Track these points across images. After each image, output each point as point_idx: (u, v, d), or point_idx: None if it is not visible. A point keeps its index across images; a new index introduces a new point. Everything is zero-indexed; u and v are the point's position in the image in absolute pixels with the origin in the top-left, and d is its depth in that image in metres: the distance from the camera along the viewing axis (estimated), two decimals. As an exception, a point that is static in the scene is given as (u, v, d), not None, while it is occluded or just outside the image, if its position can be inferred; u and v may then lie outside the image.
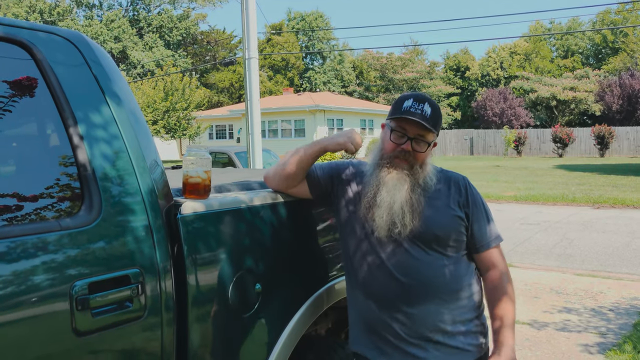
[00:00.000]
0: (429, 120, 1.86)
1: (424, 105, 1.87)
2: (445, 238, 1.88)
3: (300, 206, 2.12)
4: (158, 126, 26.73)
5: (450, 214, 1.90)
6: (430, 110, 1.87)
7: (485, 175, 20.07)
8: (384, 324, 1.91)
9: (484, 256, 1.95)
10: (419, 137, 1.88)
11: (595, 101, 40.93)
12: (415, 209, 1.86)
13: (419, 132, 1.87)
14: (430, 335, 1.87)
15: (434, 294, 1.86)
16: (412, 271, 1.86)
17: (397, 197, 1.85)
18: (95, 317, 1.42)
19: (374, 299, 1.92)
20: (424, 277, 1.85)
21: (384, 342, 1.92)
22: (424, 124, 1.84)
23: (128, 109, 1.69)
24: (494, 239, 1.96)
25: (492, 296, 1.93)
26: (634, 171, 20.33)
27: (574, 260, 7.35)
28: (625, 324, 4.74)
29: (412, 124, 1.87)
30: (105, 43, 44.85)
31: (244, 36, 9.31)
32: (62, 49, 1.60)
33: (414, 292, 1.85)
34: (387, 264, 1.89)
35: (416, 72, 48.64)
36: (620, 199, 12.81)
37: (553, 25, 56.78)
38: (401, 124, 1.89)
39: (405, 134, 1.88)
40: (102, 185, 1.52)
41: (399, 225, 1.84)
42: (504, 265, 1.97)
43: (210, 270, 1.73)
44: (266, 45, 53.45)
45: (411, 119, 1.85)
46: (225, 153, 14.02)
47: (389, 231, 1.86)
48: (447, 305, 1.87)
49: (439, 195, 1.93)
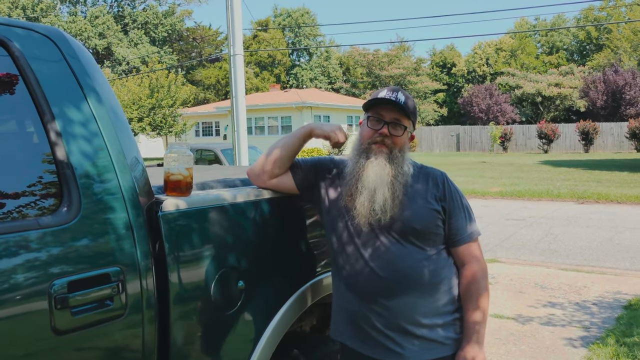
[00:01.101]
0: (404, 105, 1.92)
1: (398, 94, 1.95)
2: (423, 232, 1.90)
3: (283, 203, 2.11)
4: (144, 123, 26.54)
5: (428, 207, 1.92)
6: (404, 98, 1.95)
7: (472, 172, 20.19)
8: (363, 315, 1.94)
9: (460, 250, 1.97)
10: (396, 121, 1.93)
11: (579, 97, 41.32)
12: (396, 196, 1.89)
13: (394, 116, 1.93)
14: (407, 328, 1.89)
15: (412, 287, 1.88)
16: (390, 265, 1.88)
17: (379, 183, 1.88)
18: (75, 316, 1.41)
19: (354, 291, 1.95)
20: (401, 271, 1.88)
21: (364, 333, 1.95)
22: (399, 105, 1.91)
23: (108, 106, 1.67)
24: (470, 234, 1.97)
25: (466, 290, 1.95)
26: (617, 166, 20.55)
27: (558, 255, 7.42)
28: (608, 318, 4.79)
29: (388, 109, 1.94)
30: (90, 39, 44.45)
31: (229, 33, 9.27)
32: (39, 45, 1.58)
33: (391, 285, 1.88)
34: (366, 257, 1.91)
35: (402, 68, 48.76)
36: (604, 194, 12.94)
37: (538, 22, 57.18)
38: (377, 111, 1.96)
39: (381, 118, 1.94)
40: (81, 182, 1.50)
41: (379, 211, 1.87)
42: (481, 260, 1.98)
43: (192, 268, 1.72)
44: (252, 41, 53.29)
45: (386, 105, 1.93)
46: (211, 150, 13.97)
47: (369, 217, 1.88)
48: (425, 298, 1.89)
49: (418, 191, 1.95)
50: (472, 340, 1.92)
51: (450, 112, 52.40)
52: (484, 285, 1.94)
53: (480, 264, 1.97)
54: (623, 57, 41.83)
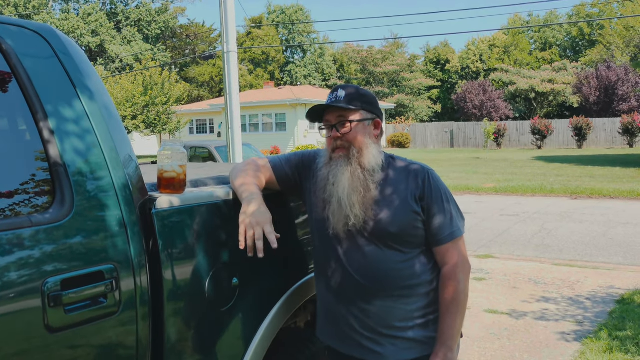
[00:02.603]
0: (343, 101, 1.89)
1: (337, 92, 1.92)
2: (401, 235, 1.84)
3: (277, 199, 2.11)
4: (137, 121, 26.43)
5: (406, 209, 1.84)
6: (344, 93, 1.91)
7: (466, 167, 20.23)
8: (342, 317, 1.93)
9: (440, 250, 1.89)
10: (340, 119, 1.90)
11: (573, 93, 41.40)
12: (365, 198, 1.84)
13: (337, 114, 1.90)
14: (384, 330, 1.87)
15: (390, 290, 1.85)
16: (367, 269, 1.85)
17: (341, 188, 1.84)
18: (68, 314, 1.41)
19: (333, 293, 1.94)
20: (379, 275, 1.84)
21: (343, 334, 1.94)
22: (335, 104, 1.88)
23: (100, 103, 1.67)
24: (450, 234, 1.87)
25: (444, 290, 1.89)
26: (610, 162, 20.64)
27: (552, 250, 7.45)
28: (601, 312, 4.82)
29: (330, 112, 1.92)
30: (83, 37, 44.21)
31: (222, 30, 9.24)
32: (31, 41, 1.57)
33: (369, 289, 1.85)
34: (344, 260, 1.88)
35: (396, 65, 48.75)
36: (598, 189, 13.00)
37: (531, 18, 57.28)
38: (325, 118, 1.95)
39: (329, 124, 1.92)
40: (74, 180, 1.50)
41: (352, 217, 1.83)
42: (461, 259, 1.88)
43: (186, 265, 1.72)
44: (246, 38, 53.15)
45: (325, 108, 1.91)
46: (205, 148, 13.96)
47: (345, 225, 1.85)
48: (403, 301, 1.86)
49: (396, 190, 1.88)
50: (446, 344, 1.87)
51: (444, 109, 52.45)
52: (461, 288, 1.86)
53: (459, 264, 1.88)
54: (616, 53, 41.97)
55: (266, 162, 2.08)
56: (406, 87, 49.05)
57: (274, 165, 2.07)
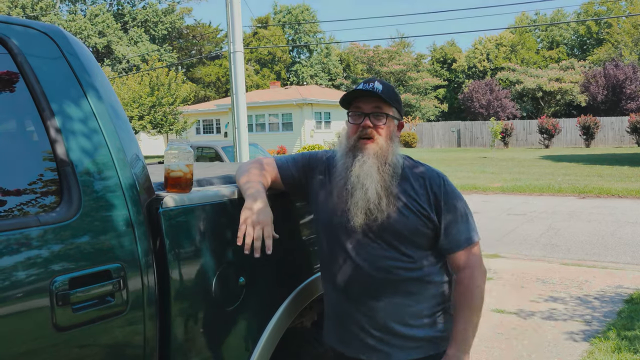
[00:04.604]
0: (381, 93, 1.85)
1: (374, 83, 1.88)
2: (412, 236, 1.84)
3: (283, 198, 2.11)
4: (144, 121, 26.52)
5: (420, 212, 1.84)
6: (382, 86, 1.88)
7: (473, 167, 20.17)
8: (349, 315, 1.91)
9: (457, 255, 1.88)
10: (376, 111, 1.87)
11: (580, 92, 41.21)
12: (390, 192, 1.83)
13: (374, 105, 1.87)
14: (394, 327, 1.86)
15: (399, 288, 1.84)
16: (377, 265, 1.84)
17: (369, 181, 1.81)
18: (76, 313, 1.41)
19: (341, 291, 1.92)
20: (389, 272, 1.84)
21: (350, 335, 1.92)
22: (376, 93, 1.84)
23: (107, 103, 1.67)
24: (464, 241, 1.88)
25: (459, 297, 1.89)
26: (619, 161, 20.53)
27: (559, 250, 7.41)
28: (610, 312, 4.80)
29: (365, 100, 1.88)
30: (90, 38, 44.41)
31: (228, 30, 9.25)
32: (38, 42, 1.58)
33: (378, 285, 1.84)
34: (353, 257, 1.87)
35: (403, 64, 48.69)
36: (606, 188, 12.93)
37: (538, 17, 57.05)
38: (356, 104, 1.91)
39: (361, 111, 1.89)
40: (81, 180, 1.51)
41: (376, 211, 1.81)
42: (476, 266, 1.88)
43: (192, 264, 1.72)
44: (252, 39, 53.21)
45: (363, 96, 1.87)
46: (212, 148, 13.97)
47: (366, 218, 1.82)
48: (413, 298, 1.86)
49: (411, 192, 1.87)
50: (459, 347, 1.86)
51: (451, 108, 52.31)
52: (477, 294, 1.86)
53: (475, 270, 1.87)
54: (623, 52, 41.77)
55: (272, 162, 2.07)
56: (413, 86, 48.95)
57: (280, 165, 2.06)
